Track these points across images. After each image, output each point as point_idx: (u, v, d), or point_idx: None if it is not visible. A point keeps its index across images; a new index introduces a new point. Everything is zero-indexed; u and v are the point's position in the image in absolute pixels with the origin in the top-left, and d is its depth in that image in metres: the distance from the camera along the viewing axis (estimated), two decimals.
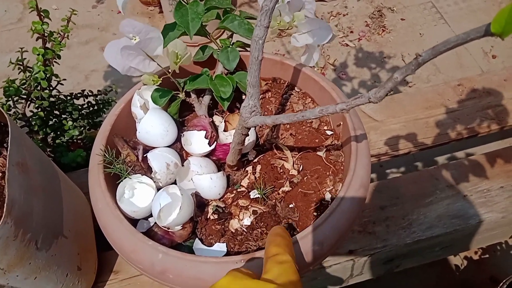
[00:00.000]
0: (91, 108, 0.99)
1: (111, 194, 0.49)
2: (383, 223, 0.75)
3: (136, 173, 0.52)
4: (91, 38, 1.49)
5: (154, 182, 0.51)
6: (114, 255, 0.72)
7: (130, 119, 0.57)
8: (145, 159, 0.53)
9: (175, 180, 0.53)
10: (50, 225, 0.56)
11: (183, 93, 0.57)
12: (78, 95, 0.94)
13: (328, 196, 0.53)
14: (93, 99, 0.98)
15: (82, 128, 0.96)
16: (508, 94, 0.89)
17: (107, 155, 0.50)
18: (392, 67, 1.37)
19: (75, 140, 0.98)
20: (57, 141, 0.93)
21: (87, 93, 0.96)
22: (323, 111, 0.36)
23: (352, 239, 0.74)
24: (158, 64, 0.51)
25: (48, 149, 0.93)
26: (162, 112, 0.55)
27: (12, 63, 0.79)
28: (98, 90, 0.98)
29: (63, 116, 0.94)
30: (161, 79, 0.53)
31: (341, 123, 0.55)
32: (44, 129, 0.90)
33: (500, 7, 1.51)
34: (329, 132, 0.58)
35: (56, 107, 0.91)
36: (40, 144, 0.89)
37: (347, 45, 1.44)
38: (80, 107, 0.95)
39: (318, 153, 0.56)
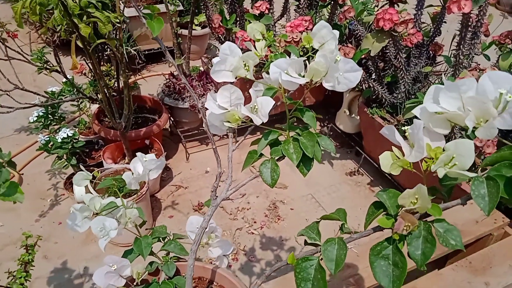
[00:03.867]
0: None
1: None
2: None
3: None
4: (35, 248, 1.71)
5: None
6: None
7: None
8: None
9: None
10: None
11: None
12: None
13: None
14: None
15: None
16: (362, 266, 1.30)
17: None
18: (289, 248, 1.77)
19: None
20: None
21: None
22: None
23: None
24: (126, 281, 0.82)
25: None
26: None
27: None
28: None
29: None
30: None
31: None
32: None
33: (360, 194, 2.07)
34: None
35: None
36: None
37: (253, 233, 1.84)
38: None
39: None
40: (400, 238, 0.54)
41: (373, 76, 1.97)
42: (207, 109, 0.78)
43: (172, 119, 2.34)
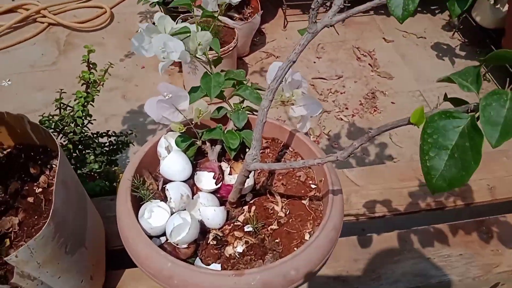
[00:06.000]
0: (111, 147, 1.13)
1: (134, 212, 0.61)
2: (355, 273, 0.86)
3: (155, 199, 0.64)
4: (115, 86, 1.66)
5: (170, 208, 0.63)
6: (119, 274, 0.82)
7: (155, 157, 0.71)
8: (163, 189, 0.66)
9: (185, 209, 0.66)
10: (77, 235, 0.67)
11: (200, 141, 0.71)
12: (103, 134, 1.09)
13: (307, 236, 0.65)
14: (114, 139, 1.12)
15: (101, 163, 1.09)
16: (473, 176, 1.03)
17: (135, 181, 0.63)
18: (380, 143, 1.53)
19: (92, 173, 1.10)
20: (78, 171, 1.06)
21: (111, 133, 1.10)
22: (305, 162, 0.49)
23: (326, 285, 0.84)
24: (184, 116, 0.66)
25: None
26: (182, 153, 0.68)
27: (56, 101, 0.95)
28: (120, 132, 1.12)
29: (87, 150, 1.07)
30: (185, 128, 0.67)
31: (323, 179, 0.69)
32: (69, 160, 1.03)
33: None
34: (313, 186, 0.71)
35: (82, 142, 1.05)
36: None
37: (342, 119, 1.61)
38: (102, 144, 1.09)
39: (303, 201, 0.69)
40: None
41: None
42: None
43: None
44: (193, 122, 0.69)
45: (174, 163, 0.67)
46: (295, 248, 0.63)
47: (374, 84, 1.76)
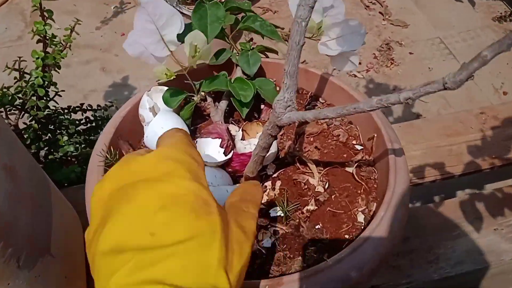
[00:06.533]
0: (88, 125, 0.92)
1: None
2: (407, 256, 0.67)
3: None
4: (92, 58, 1.45)
5: None
6: None
7: (136, 124, 0.51)
8: None
9: None
10: (36, 241, 0.48)
11: (198, 96, 0.51)
12: (77, 108, 0.88)
13: (361, 217, 0.46)
14: (91, 115, 0.92)
15: (78, 145, 0.89)
16: None
17: (109, 157, 0.43)
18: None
19: (68, 157, 0.90)
20: (50, 156, 0.86)
21: (86, 107, 0.89)
22: (382, 101, 0.30)
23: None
24: (170, 52, 0.45)
25: (40, 166, 0.85)
26: (174, 115, 0.49)
27: (8, 68, 0.74)
28: (98, 105, 0.92)
29: (58, 131, 0.87)
30: (175, 74, 0.47)
31: (375, 136, 0.49)
32: (37, 144, 0.83)
33: None
34: (358, 147, 0.52)
35: (52, 120, 0.85)
36: None
37: (355, 76, 1.41)
38: (77, 122, 0.89)
39: (347, 169, 0.50)
40: None
41: None
42: None
43: None
44: (187, 65, 0.49)
45: (164, 128, 0.47)
46: (346, 236, 0.45)
47: (388, 34, 1.55)
